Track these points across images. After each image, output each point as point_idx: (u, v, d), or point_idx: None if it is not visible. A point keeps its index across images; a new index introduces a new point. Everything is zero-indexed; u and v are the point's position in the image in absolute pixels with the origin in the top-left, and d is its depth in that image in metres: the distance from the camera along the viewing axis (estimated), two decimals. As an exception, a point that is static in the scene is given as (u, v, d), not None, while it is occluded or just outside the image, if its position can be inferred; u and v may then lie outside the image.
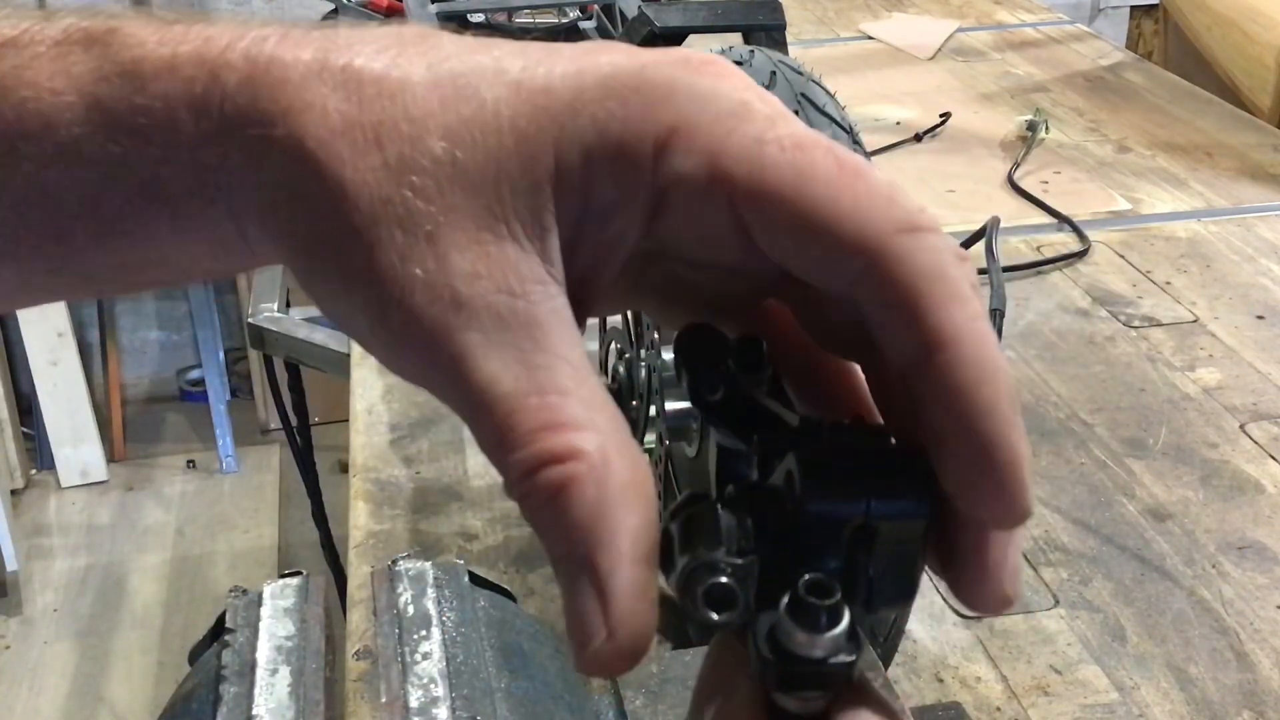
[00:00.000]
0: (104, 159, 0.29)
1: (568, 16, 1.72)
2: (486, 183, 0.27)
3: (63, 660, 2.51)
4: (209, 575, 2.74)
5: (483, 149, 0.27)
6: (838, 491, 0.28)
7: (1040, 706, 0.77)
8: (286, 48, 0.28)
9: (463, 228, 0.27)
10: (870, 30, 2.07)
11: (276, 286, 1.46)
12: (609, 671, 0.27)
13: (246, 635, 0.69)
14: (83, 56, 0.29)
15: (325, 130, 0.27)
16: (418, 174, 0.27)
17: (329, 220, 0.27)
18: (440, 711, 0.68)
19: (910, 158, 1.60)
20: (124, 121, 0.29)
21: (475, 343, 0.27)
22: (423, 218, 0.27)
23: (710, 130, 0.27)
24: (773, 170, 0.27)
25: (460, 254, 0.27)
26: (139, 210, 0.29)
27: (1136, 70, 1.91)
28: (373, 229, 0.27)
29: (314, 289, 0.29)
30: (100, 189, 0.29)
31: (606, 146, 0.27)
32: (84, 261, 0.30)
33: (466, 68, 0.28)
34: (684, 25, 0.79)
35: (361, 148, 0.27)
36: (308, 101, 0.28)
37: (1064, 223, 1.40)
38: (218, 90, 0.28)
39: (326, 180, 0.27)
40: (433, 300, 0.27)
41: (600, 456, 0.26)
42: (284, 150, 0.28)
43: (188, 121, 0.28)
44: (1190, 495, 0.96)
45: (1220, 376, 1.12)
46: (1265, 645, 0.82)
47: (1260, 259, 1.33)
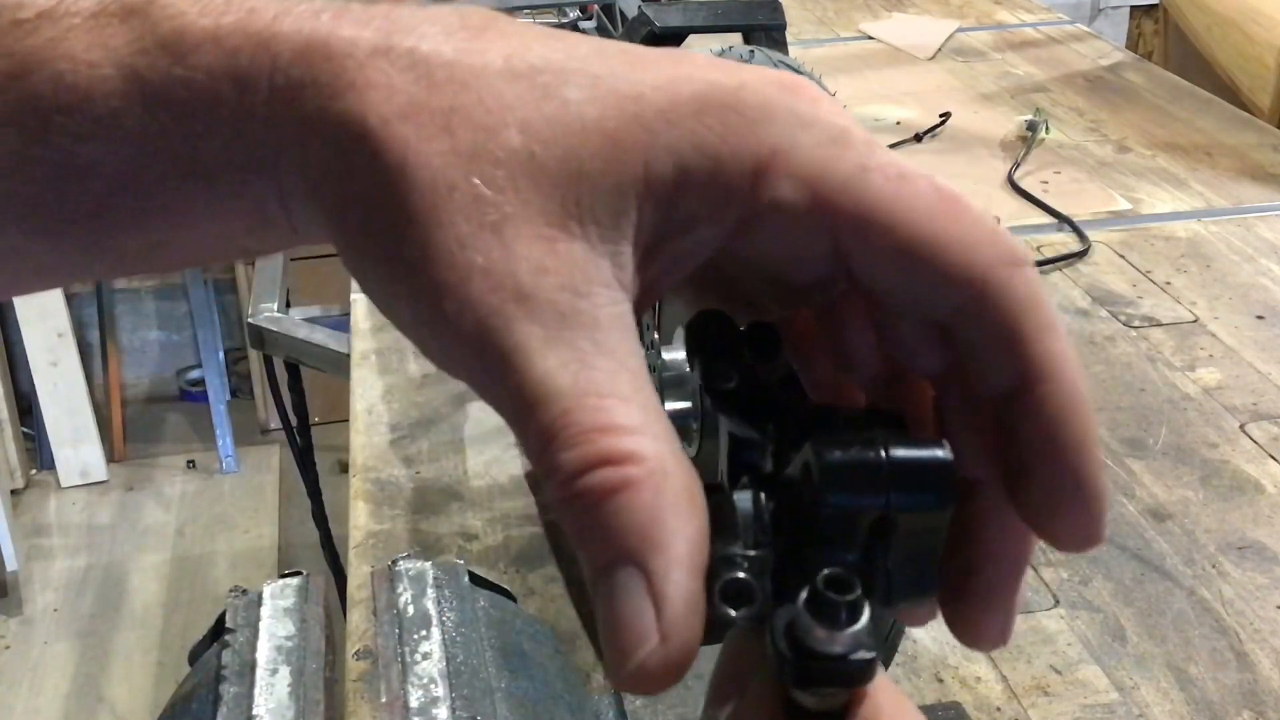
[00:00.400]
0: (142, 133, 0.28)
1: (568, 16, 1.72)
2: (564, 180, 0.26)
3: (63, 660, 2.51)
4: (209, 575, 2.74)
5: (563, 147, 0.26)
6: (858, 482, 0.27)
7: (1040, 706, 0.77)
8: (345, 25, 0.27)
9: (531, 221, 0.26)
10: (870, 30, 2.07)
11: (276, 286, 1.46)
12: (651, 685, 0.25)
13: (246, 635, 0.69)
14: (120, 28, 0.28)
15: (390, 109, 0.26)
16: (489, 164, 0.26)
17: (385, 202, 0.26)
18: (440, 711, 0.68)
19: (910, 158, 1.60)
20: (163, 94, 0.28)
21: (534, 336, 0.26)
22: (489, 206, 0.26)
23: (811, 156, 0.27)
24: (878, 199, 0.27)
25: (527, 246, 0.26)
26: (176, 186, 0.28)
27: (1136, 70, 1.91)
28: (433, 213, 0.26)
29: (361, 270, 0.28)
30: (138, 164, 0.28)
31: (703, 162, 0.27)
32: (118, 239, 0.30)
33: (548, 64, 0.27)
34: (684, 25, 0.79)
35: (429, 132, 0.26)
36: (370, 79, 0.27)
37: (1064, 223, 1.40)
38: (267, 62, 0.27)
39: (387, 160, 0.26)
40: (492, 289, 0.26)
41: (659, 463, 0.25)
42: (342, 126, 0.27)
43: (231, 94, 0.27)
44: (1190, 495, 0.96)
45: (1220, 376, 1.12)
46: (1265, 645, 0.82)
47: (1260, 259, 1.33)
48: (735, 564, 0.27)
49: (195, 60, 0.27)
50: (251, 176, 0.28)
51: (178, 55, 0.28)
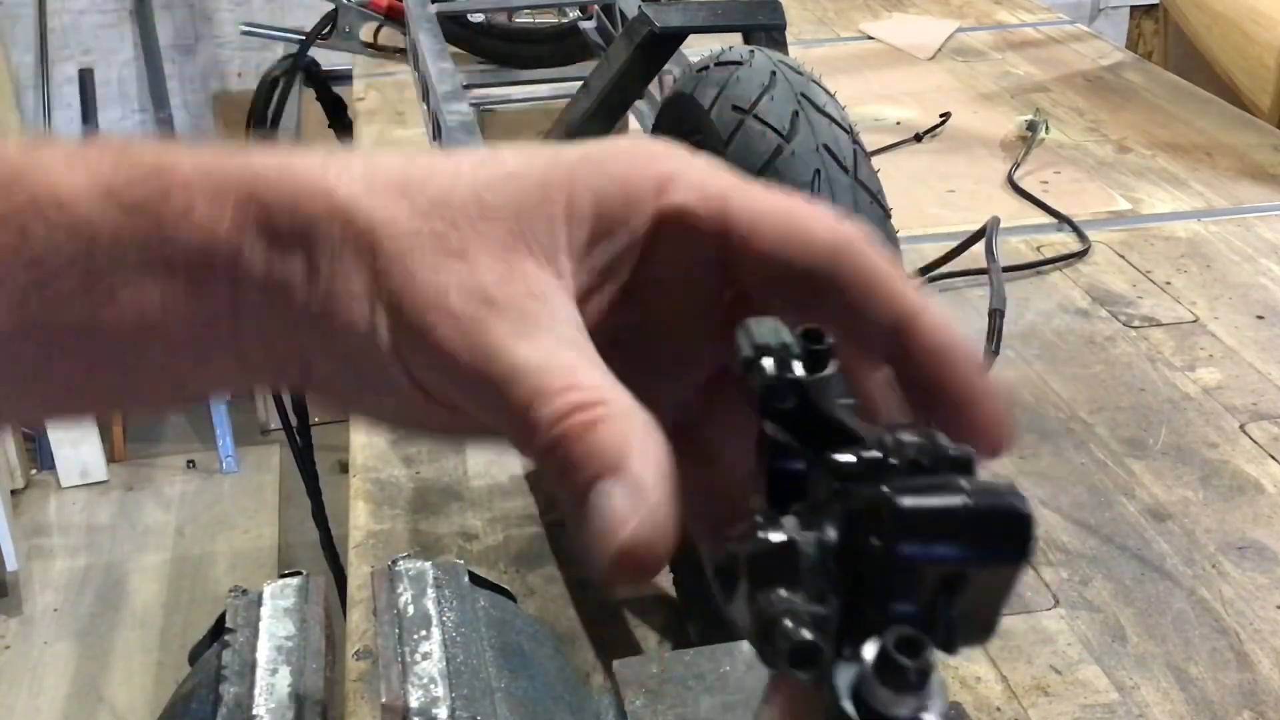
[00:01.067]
0: (113, 237, 0.32)
1: (568, 16, 1.71)
2: (509, 217, 0.32)
3: (63, 660, 2.51)
4: (209, 575, 2.74)
5: (505, 193, 0.33)
6: (935, 534, 0.26)
7: (1040, 706, 0.77)
8: (305, 157, 0.33)
9: (489, 249, 0.32)
10: (870, 30, 2.07)
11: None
12: (635, 567, 0.28)
13: (246, 635, 0.69)
14: (101, 154, 0.33)
15: (355, 189, 0.32)
16: (446, 211, 0.32)
17: (361, 255, 0.32)
18: (440, 711, 0.68)
19: (910, 158, 1.60)
20: (138, 206, 0.32)
21: (506, 332, 0.31)
22: (453, 240, 0.32)
23: (701, 174, 0.34)
24: (759, 198, 0.33)
25: (489, 266, 0.32)
26: (137, 279, 0.33)
27: (1136, 70, 1.91)
28: (407, 251, 0.31)
29: (331, 321, 0.32)
30: (105, 266, 0.32)
31: (614, 186, 0.33)
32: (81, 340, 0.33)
33: (479, 155, 0.34)
34: (684, 25, 0.79)
35: (390, 199, 0.32)
36: (335, 176, 0.33)
37: (1064, 223, 1.40)
38: (247, 177, 0.33)
39: (359, 225, 0.32)
40: (467, 300, 0.31)
41: (622, 404, 0.30)
42: (311, 204, 0.32)
43: (203, 206, 0.32)
44: (1190, 495, 0.96)
45: (1220, 376, 1.12)
46: (1265, 645, 0.82)
47: (1260, 259, 1.33)
48: (802, 620, 0.26)
49: (173, 177, 0.33)
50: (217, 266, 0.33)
51: (154, 173, 0.33)
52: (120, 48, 3.26)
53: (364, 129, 1.73)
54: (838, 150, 0.68)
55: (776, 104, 0.69)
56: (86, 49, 3.25)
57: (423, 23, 1.45)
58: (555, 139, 0.91)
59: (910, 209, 1.43)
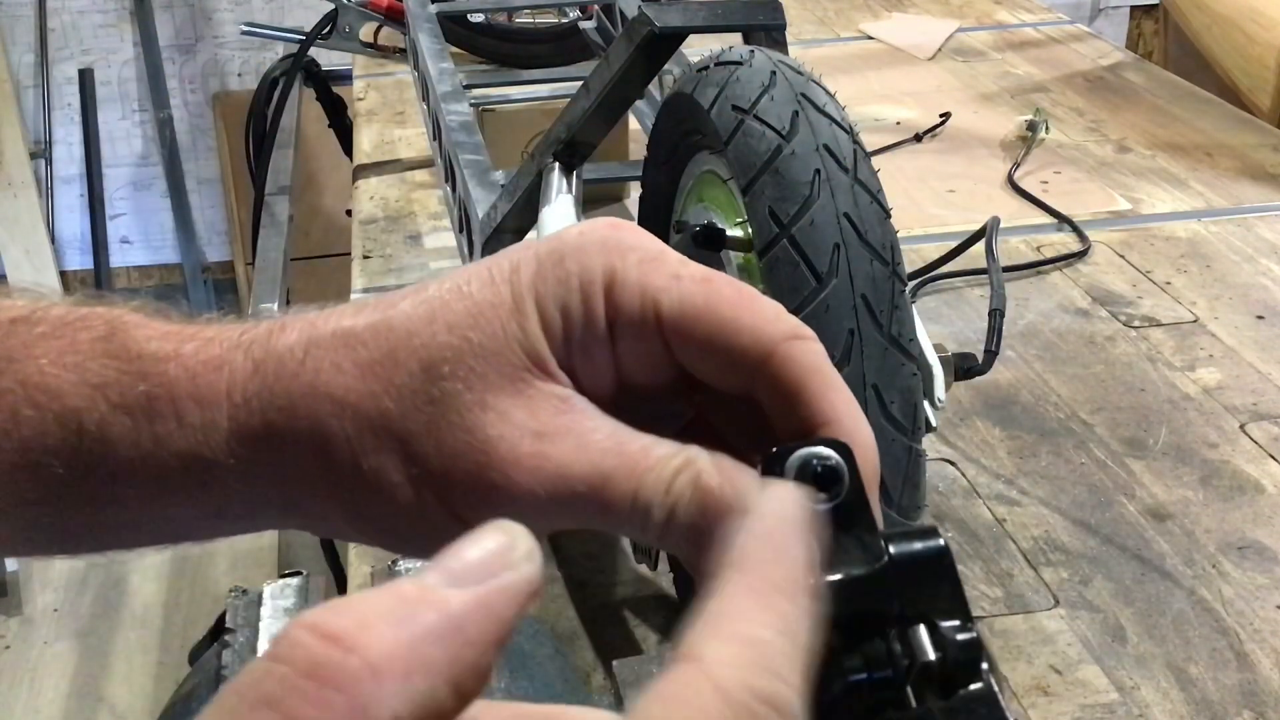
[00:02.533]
0: (99, 430, 0.34)
1: (568, 17, 1.71)
2: (499, 350, 0.33)
3: (63, 660, 2.51)
4: (209, 575, 2.74)
5: (485, 329, 0.34)
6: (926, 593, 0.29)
7: (1040, 706, 0.77)
8: (279, 338, 0.35)
9: (500, 390, 0.33)
10: (870, 30, 2.07)
11: (276, 286, 1.46)
12: None
13: (246, 635, 0.69)
14: (91, 345, 0.35)
15: (345, 377, 0.34)
16: (443, 375, 0.33)
17: (373, 435, 0.33)
18: (440, 711, 0.68)
19: (910, 158, 1.60)
20: (126, 407, 0.34)
21: (569, 449, 0.33)
22: (466, 397, 0.33)
23: (639, 273, 0.34)
24: (689, 298, 0.33)
25: (510, 404, 0.33)
26: (126, 474, 0.35)
27: (1136, 70, 1.91)
28: (429, 428, 0.33)
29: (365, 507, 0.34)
30: (95, 458, 0.34)
31: (572, 297, 0.34)
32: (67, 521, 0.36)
33: (437, 290, 0.35)
34: (684, 25, 0.78)
35: (380, 373, 0.34)
36: (315, 369, 0.34)
37: (1064, 223, 1.40)
38: (238, 379, 0.35)
39: (366, 411, 0.33)
40: (516, 443, 0.33)
41: (697, 450, 0.33)
42: (313, 404, 0.34)
43: (194, 413, 0.34)
44: (1190, 495, 0.96)
45: (1220, 376, 1.12)
46: (1265, 645, 0.82)
47: (1260, 259, 1.33)
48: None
49: (157, 375, 0.35)
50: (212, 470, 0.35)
51: (141, 370, 0.34)
52: (120, 48, 3.26)
53: (364, 129, 1.73)
54: (838, 150, 0.68)
55: (776, 104, 0.69)
56: (86, 49, 3.25)
57: (423, 23, 1.45)
58: (555, 138, 0.91)
59: (910, 209, 1.43)
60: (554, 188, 0.90)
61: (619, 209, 1.44)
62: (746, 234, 0.70)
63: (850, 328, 0.65)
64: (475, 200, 1.05)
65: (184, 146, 3.37)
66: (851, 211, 0.67)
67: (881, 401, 0.66)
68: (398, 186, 1.54)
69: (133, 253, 3.48)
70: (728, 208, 0.76)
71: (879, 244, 0.67)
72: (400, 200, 1.50)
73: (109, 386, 0.34)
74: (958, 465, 1.00)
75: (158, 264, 3.50)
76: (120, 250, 3.46)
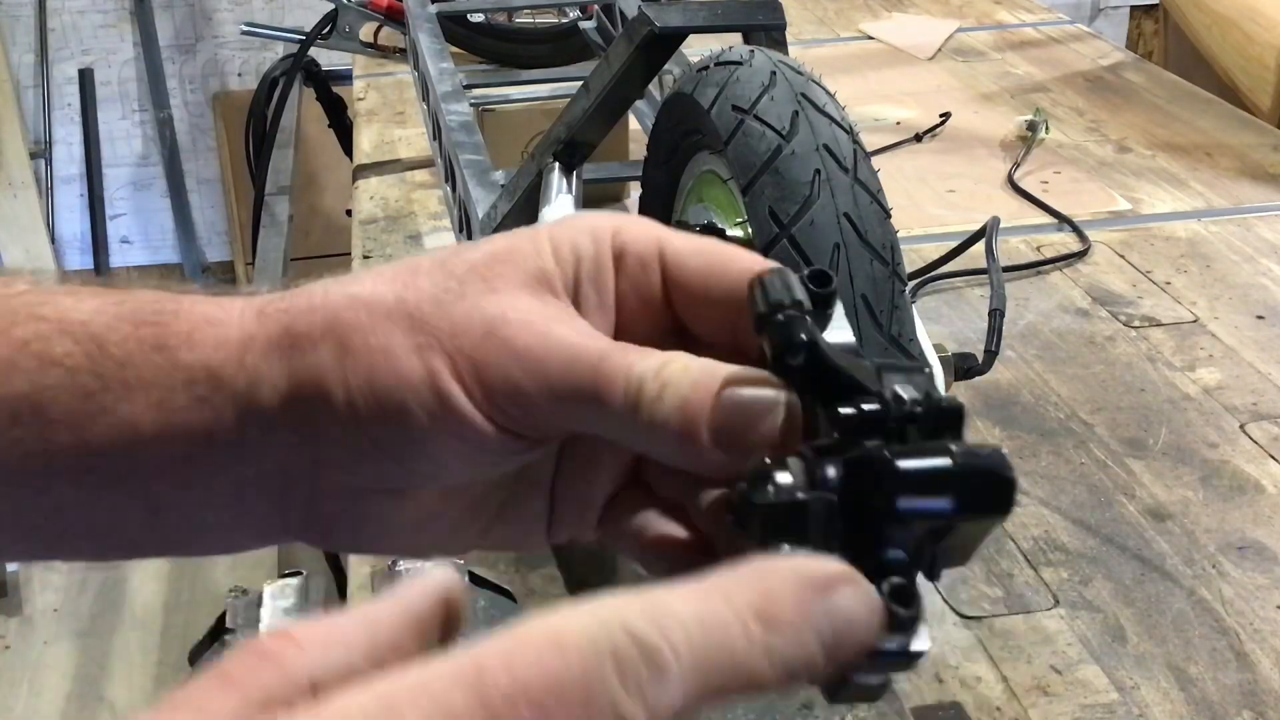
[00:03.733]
0: (120, 346, 0.36)
1: (568, 16, 1.71)
2: (517, 268, 0.36)
3: (63, 660, 2.51)
4: (209, 575, 2.73)
5: (504, 251, 0.37)
6: (927, 495, 0.29)
7: (1040, 706, 0.77)
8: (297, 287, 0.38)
9: (513, 287, 0.36)
10: (870, 30, 2.07)
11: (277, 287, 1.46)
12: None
13: (246, 635, 0.69)
14: (106, 287, 0.37)
15: (366, 283, 0.37)
16: (460, 269, 0.36)
17: (388, 319, 0.36)
18: (440, 711, 0.68)
19: (910, 158, 1.60)
20: (146, 321, 0.36)
21: (574, 328, 0.36)
22: (479, 285, 0.36)
23: (642, 225, 0.38)
24: (689, 240, 0.37)
25: (519, 294, 0.36)
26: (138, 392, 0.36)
27: (1136, 70, 1.91)
28: (441, 304, 0.35)
29: (374, 398, 0.35)
30: (110, 374, 0.35)
31: (582, 237, 0.37)
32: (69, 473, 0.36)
33: (453, 246, 0.39)
34: (684, 25, 0.78)
35: (404, 278, 0.36)
36: (333, 285, 0.37)
37: (1064, 223, 1.40)
38: (251, 299, 0.37)
39: (383, 300, 0.36)
40: (524, 314, 0.35)
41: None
42: (329, 302, 0.36)
43: (209, 328, 0.36)
44: (1190, 495, 0.96)
45: (1220, 376, 1.12)
46: (1265, 645, 0.82)
47: (1260, 259, 1.33)
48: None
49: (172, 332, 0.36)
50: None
51: (151, 323, 0.36)
52: (120, 48, 3.26)
53: (364, 129, 1.73)
54: (838, 150, 0.68)
55: (776, 104, 0.69)
56: (86, 49, 3.25)
57: (423, 23, 1.45)
58: (555, 138, 0.91)
59: (910, 209, 1.43)
60: (554, 188, 0.90)
61: (619, 209, 1.44)
62: (746, 234, 0.70)
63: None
64: (475, 200, 1.05)
65: (184, 146, 3.37)
66: (851, 211, 0.67)
67: (881, 401, 0.66)
68: (398, 186, 1.54)
69: (133, 253, 3.48)
70: (728, 208, 0.76)
71: (879, 244, 0.67)
72: (400, 200, 1.50)
73: (128, 314, 0.36)
74: (958, 465, 1.00)
75: (158, 264, 3.51)
76: (120, 250, 3.46)
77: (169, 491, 0.37)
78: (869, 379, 0.32)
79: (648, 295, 0.37)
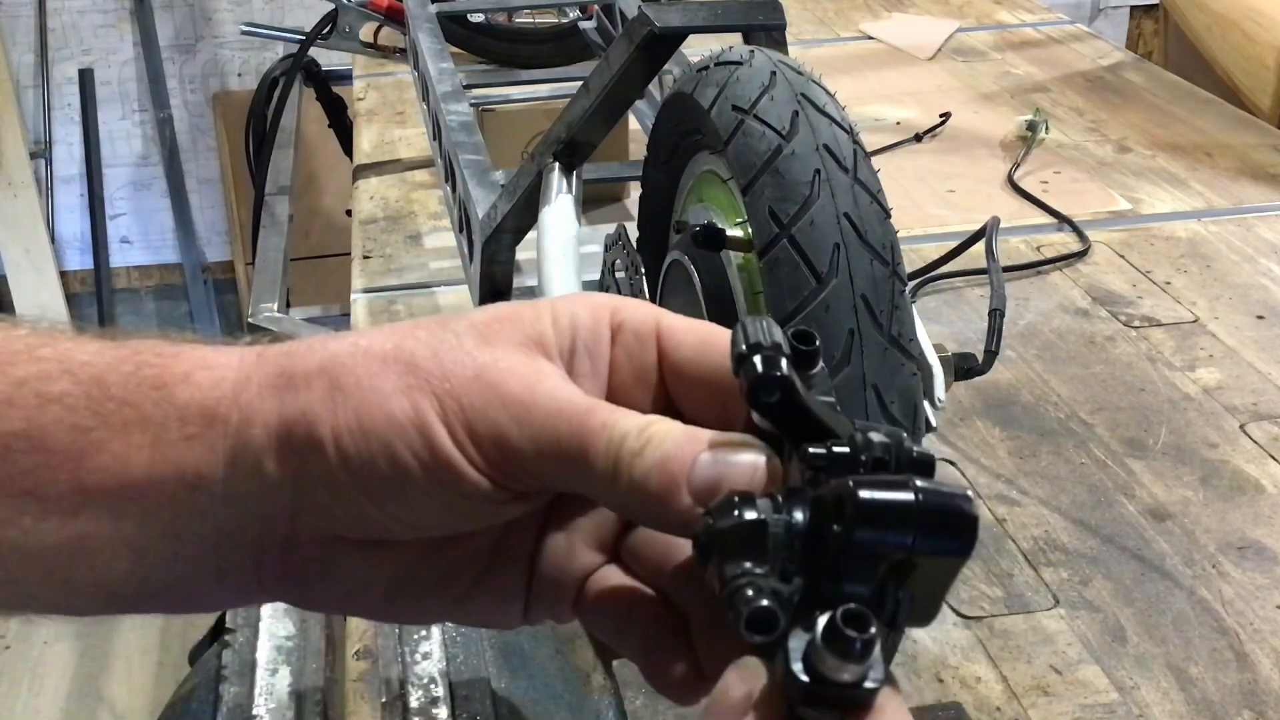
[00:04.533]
0: (121, 385, 0.36)
1: (568, 17, 1.71)
2: (515, 329, 0.37)
3: (63, 660, 2.51)
4: (209, 575, 2.73)
5: (504, 314, 0.38)
6: (888, 525, 0.29)
7: (1040, 706, 0.77)
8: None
9: (508, 345, 0.37)
10: (870, 30, 2.07)
11: (277, 286, 1.46)
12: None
13: (246, 635, 0.69)
14: (104, 334, 0.38)
15: (355, 337, 0.37)
16: (459, 324, 0.37)
17: (381, 363, 0.36)
18: (440, 711, 0.68)
19: (910, 158, 1.60)
20: (146, 363, 0.36)
21: (560, 385, 0.36)
22: (475, 339, 0.36)
23: (640, 305, 0.39)
24: (685, 322, 0.38)
25: (514, 351, 0.36)
26: (133, 432, 0.36)
27: (1136, 70, 1.91)
28: (437, 350, 0.36)
29: (361, 437, 0.35)
30: (109, 412, 0.36)
31: (581, 309, 0.38)
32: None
33: (479, 311, 0.39)
34: (684, 25, 0.78)
35: (403, 330, 0.37)
36: (331, 339, 0.37)
37: (1064, 223, 1.40)
38: (247, 346, 0.38)
39: (380, 345, 0.37)
40: (515, 367, 0.36)
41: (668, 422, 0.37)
42: (326, 345, 0.37)
43: (205, 372, 0.37)
44: (1190, 495, 0.96)
45: (1220, 376, 1.12)
46: (1265, 645, 0.82)
47: (1260, 259, 1.33)
48: (763, 593, 0.30)
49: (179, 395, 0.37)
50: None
51: (148, 378, 0.37)
52: (120, 48, 3.26)
53: (364, 129, 1.73)
54: (838, 150, 0.68)
55: (776, 104, 0.69)
56: (86, 49, 3.25)
57: (423, 23, 1.45)
58: (555, 138, 0.91)
59: (910, 209, 1.43)
60: (554, 188, 0.90)
61: (619, 209, 1.44)
62: (746, 234, 0.70)
63: (850, 328, 0.65)
64: (475, 200, 1.05)
65: (184, 146, 3.37)
66: (851, 211, 0.67)
67: (881, 401, 0.66)
68: (398, 186, 1.54)
69: (133, 253, 3.48)
70: (728, 208, 0.76)
71: (879, 244, 0.67)
72: (400, 200, 1.50)
73: (128, 357, 0.37)
74: (958, 465, 1.00)
75: (158, 264, 3.51)
76: (120, 250, 3.46)
77: (156, 539, 0.36)
78: (842, 426, 0.32)
79: (641, 369, 0.38)
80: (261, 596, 0.39)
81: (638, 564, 0.39)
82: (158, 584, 0.37)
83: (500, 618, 0.41)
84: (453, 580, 0.39)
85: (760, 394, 0.33)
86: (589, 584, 0.39)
